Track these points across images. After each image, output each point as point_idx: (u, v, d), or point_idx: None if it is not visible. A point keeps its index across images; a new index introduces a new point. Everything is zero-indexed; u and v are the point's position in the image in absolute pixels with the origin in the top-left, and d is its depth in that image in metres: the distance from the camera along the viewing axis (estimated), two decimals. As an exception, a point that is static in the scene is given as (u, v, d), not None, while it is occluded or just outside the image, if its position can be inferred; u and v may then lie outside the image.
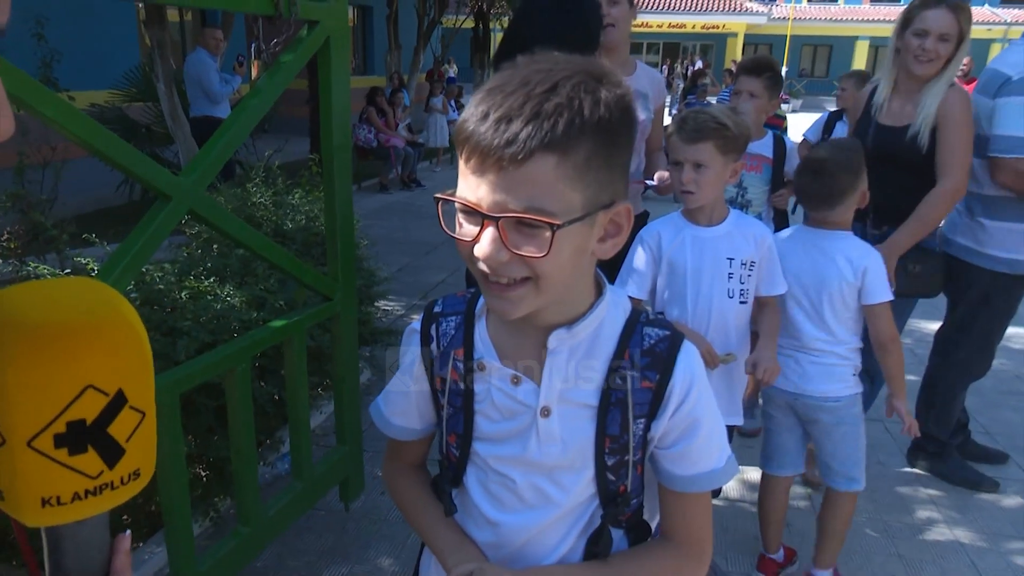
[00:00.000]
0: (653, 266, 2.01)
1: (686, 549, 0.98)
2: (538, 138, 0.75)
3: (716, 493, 2.77)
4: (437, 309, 1.03)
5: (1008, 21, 29.72)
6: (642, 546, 1.01)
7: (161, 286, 2.67)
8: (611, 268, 2.00)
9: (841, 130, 4.54)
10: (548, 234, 0.77)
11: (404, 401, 1.07)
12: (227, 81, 6.89)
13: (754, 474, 2.74)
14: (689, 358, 0.95)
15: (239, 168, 6.73)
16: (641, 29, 26.85)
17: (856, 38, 31.56)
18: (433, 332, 1.01)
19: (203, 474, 2.58)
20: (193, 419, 2.45)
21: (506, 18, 15.11)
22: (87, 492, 0.54)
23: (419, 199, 9.32)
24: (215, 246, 3.56)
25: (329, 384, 3.40)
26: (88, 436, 0.52)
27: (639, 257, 2.03)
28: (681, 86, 16.61)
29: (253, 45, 7.36)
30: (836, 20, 31.78)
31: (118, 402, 0.53)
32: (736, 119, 1.97)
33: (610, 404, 0.92)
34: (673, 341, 0.95)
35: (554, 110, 0.76)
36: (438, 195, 0.85)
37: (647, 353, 0.93)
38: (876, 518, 2.81)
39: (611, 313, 0.94)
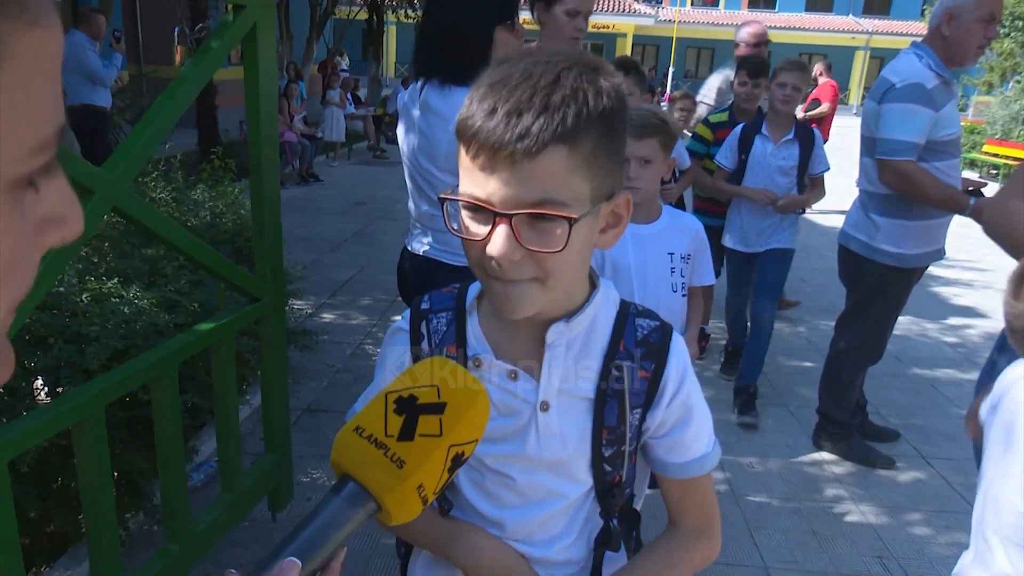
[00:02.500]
0: (596, 268, 2.03)
1: (696, 531, 1.02)
2: (550, 130, 0.75)
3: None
4: (425, 306, 1.00)
5: (870, 30, 32.13)
6: (660, 539, 1.03)
7: (61, 288, 2.46)
8: None
9: (763, 147, 3.51)
10: (563, 229, 0.77)
11: None
12: (109, 63, 6.44)
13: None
14: (680, 347, 0.98)
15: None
16: (535, 27, 27.13)
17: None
18: (423, 330, 0.98)
19: (116, 490, 2.41)
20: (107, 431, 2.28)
21: (402, 11, 14.91)
22: (424, 500, 0.68)
23: (318, 194, 9.05)
24: (106, 243, 3.32)
25: (245, 389, 3.25)
26: (458, 465, 0.71)
27: None
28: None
29: (176, 30, 6.95)
30: (717, 24, 33.30)
31: (473, 450, 0.72)
32: (670, 117, 2.05)
33: (607, 396, 0.93)
34: (664, 331, 0.97)
35: (562, 102, 0.76)
36: (443, 195, 0.83)
37: (642, 344, 0.95)
38: (790, 498, 2.98)
39: (604, 306, 0.96)
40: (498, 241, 0.78)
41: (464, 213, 0.82)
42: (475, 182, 0.79)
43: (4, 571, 1.45)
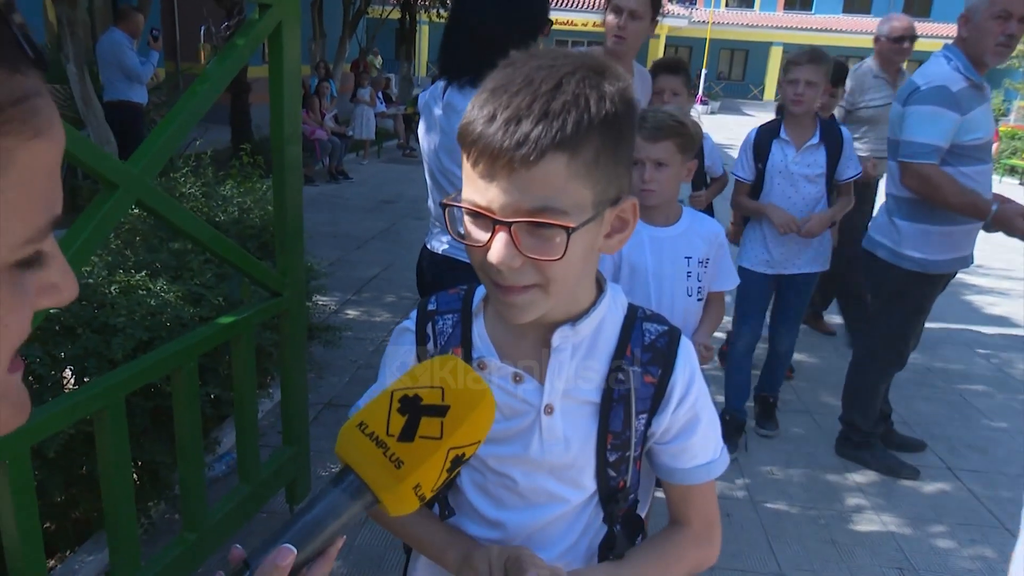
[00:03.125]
0: (613, 269, 2.02)
1: (696, 537, 1.01)
2: (549, 137, 0.74)
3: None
4: (431, 307, 1.01)
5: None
6: (658, 537, 1.02)
7: (90, 280, 2.52)
8: None
9: (782, 154, 3.06)
10: (562, 237, 0.77)
11: None
12: (146, 61, 6.58)
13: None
14: (688, 353, 0.97)
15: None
16: (566, 27, 27.12)
17: (771, 44, 32.79)
18: (429, 331, 0.99)
19: (135, 479, 2.46)
20: (128, 420, 2.33)
21: (434, 11, 14.99)
22: (422, 498, 0.69)
23: (346, 191, 9.14)
24: (138, 238, 3.39)
25: (267, 383, 3.30)
26: (458, 466, 0.71)
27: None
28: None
29: (203, 29, 7.08)
30: (752, 26, 32.94)
31: (474, 451, 0.73)
32: (691, 119, 2.03)
33: (613, 400, 0.93)
34: (672, 336, 0.96)
35: (562, 108, 0.75)
36: (444, 201, 0.83)
37: (648, 348, 0.94)
38: (809, 507, 2.94)
39: (611, 310, 0.95)
40: (498, 248, 0.78)
41: (466, 218, 0.82)
42: (476, 188, 0.79)
43: (25, 555, 1.49)
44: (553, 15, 2.24)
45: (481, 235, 0.80)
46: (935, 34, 30.27)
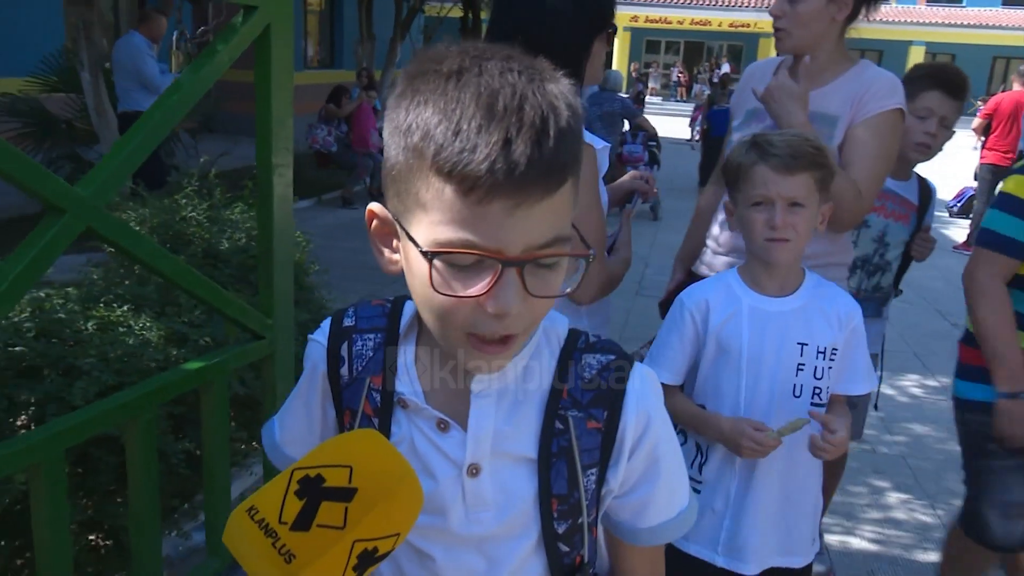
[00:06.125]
0: (694, 344, 1.81)
1: None
2: (570, 159, 0.78)
3: None
4: (348, 322, 0.99)
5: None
6: None
7: (62, 315, 2.63)
8: None
9: None
10: (561, 270, 0.81)
11: (304, 427, 1.04)
12: (166, 69, 6.92)
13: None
14: (643, 386, 0.94)
15: (174, 173, 6.71)
16: (658, 26, 27.24)
17: (910, 43, 32.05)
18: (344, 352, 0.97)
19: (101, 544, 2.52)
20: (91, 477, 2.40)
21: (500, 7, 15.33)
22: None
23: (389, 216, 9.32)
24: (122, 268, 3.52)
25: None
26: (370, 564, 0.70)
27: (677, 329, 1.81)
28: (707, 92, 16.80)
29: (176, 33, 7.41)
30: (888, 22, 32.30)
31: (394, 547, 0.73)
32: (824, 144, 1.79)
33: (552, 455, 0.90)
34: (620, 368, 0.94)
35: (567, 126, 0.78)
36: (432, 249, 0.78)
37: (590, 386, 0.92)
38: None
39: (544, 342, 0.94)
40: (506, 294, 0.76)
41: (445, 269, 0.78)
42: (475, 229, 0.75)
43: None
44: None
45: (473, 284, 0.77)
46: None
